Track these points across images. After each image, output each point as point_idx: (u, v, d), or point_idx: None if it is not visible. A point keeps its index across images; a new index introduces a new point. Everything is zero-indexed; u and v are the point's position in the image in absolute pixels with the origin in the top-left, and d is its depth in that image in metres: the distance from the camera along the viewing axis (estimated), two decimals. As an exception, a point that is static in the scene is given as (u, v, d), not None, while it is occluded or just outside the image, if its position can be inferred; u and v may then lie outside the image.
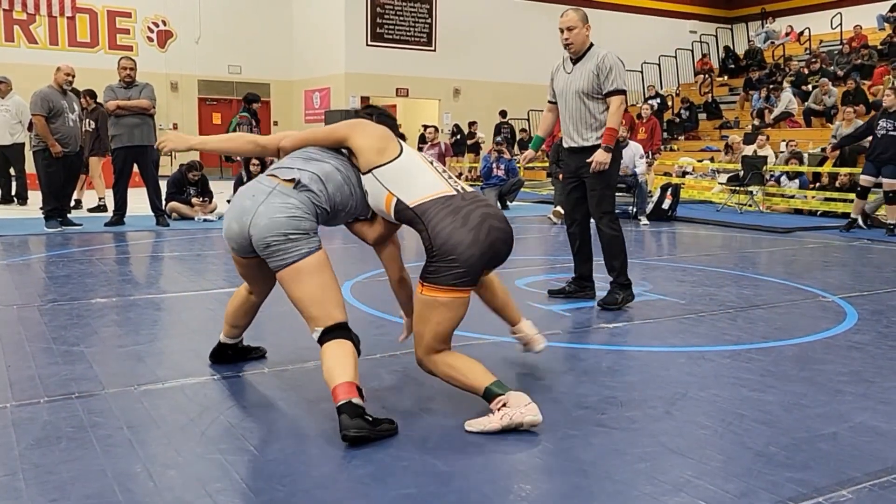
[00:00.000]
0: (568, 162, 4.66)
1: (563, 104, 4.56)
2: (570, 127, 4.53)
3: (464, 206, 2.58)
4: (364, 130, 2.74)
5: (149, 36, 18.57)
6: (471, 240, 2.51)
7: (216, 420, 2.56)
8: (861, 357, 3.52)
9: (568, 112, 4.51)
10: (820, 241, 8.09)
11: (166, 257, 6.55)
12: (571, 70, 4.50)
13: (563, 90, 4.54)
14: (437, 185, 2.65)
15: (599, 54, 4.43)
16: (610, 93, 4.36)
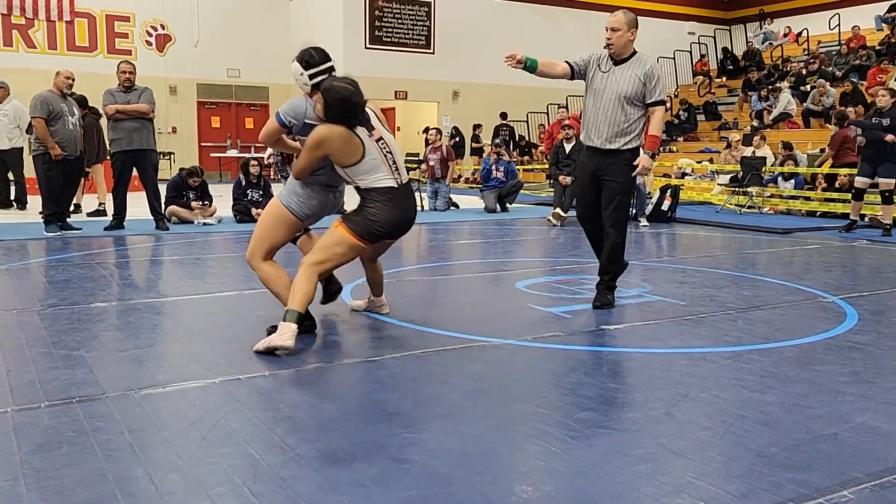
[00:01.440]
0: (586, 162, 4.58)
1: (595, 104, 4.46)
2: (600, 127, 4.43)
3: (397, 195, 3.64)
4: (332, 145, 3.51)
5: (147, 40, 18.59)
6: (391, 219, 3.62)
7: (217, 424, 2.56)
8: (861, 357, 3.52)
9: (602, 113, 4.41)
10: (819, 241, 8.10)
11: (166, 261, 6.55)
12: (609, 70, 4.42)
13: (598, 90, 4.44)
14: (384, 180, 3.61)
15: (647, 63, 4.45)
16: (654, 102, 4.40)
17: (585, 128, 4.55)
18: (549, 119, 18.44)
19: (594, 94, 4.46)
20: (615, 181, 4.44)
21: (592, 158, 4.52)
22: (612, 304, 4.50)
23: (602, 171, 4.46)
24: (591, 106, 4.49)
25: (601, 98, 4.42)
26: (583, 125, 4.60)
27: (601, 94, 4.42)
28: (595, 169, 4.50)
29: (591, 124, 4.49)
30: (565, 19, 20.77)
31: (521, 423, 2.65)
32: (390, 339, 3.73)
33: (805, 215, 10.68)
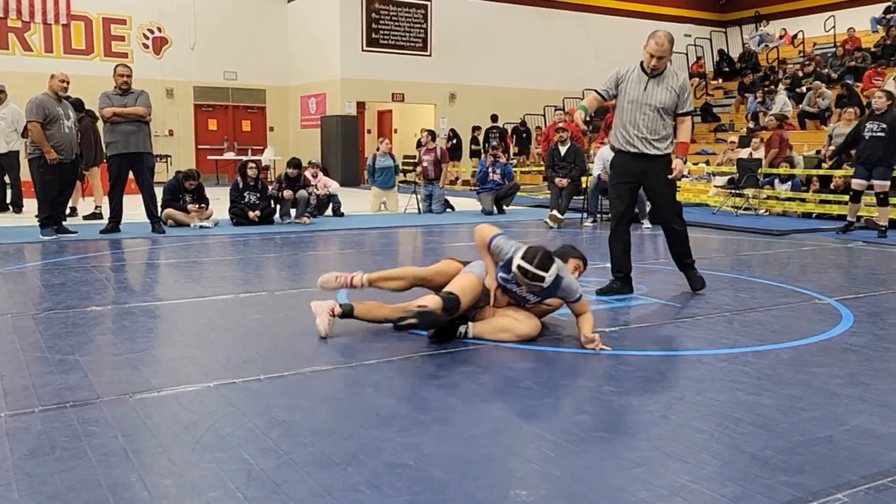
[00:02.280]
0: (629, 166, 4.94)
1: (635, 113, 4.79)
2: (642, 134, 4.80)
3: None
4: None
5: (144, 43, 18.57)
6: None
7: (211, 428, 2.55)
8: (857, 359, 3.52)
9: (643, 121, 4.79)
10: (815, 243, 8.11)
11: (162, 264, 6.54)
12: (647, 84, 4.77)
13: (637, 101, 4.78)
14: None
15: (678, 76, 4.83)
16: (684, 113, 4.89)
17: (623, 135, 4.88)
18: (545, 121, 18.45)
19: (632, 104, 4.80)
20: (661, 180, 4.90)
21: (634, 163, 4.89)
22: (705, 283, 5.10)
23: (647, 173, 4.90)
24: (628, 115, 4.82)
25: (639, 108, 4.77)
26: (617, 132, 4.92)
27: (639, 104, 4.77)
28: (639, 171, 4.92)
29: (631, 132, 4.84)
30: (562, 21, 20.81)
31: (516, 426, 2.64)
32: (386, 342, 3.72)
33: (801, 217, 10.70)
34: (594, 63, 20.47)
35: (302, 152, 18.54)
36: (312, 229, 9.08)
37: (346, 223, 9.86)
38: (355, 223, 9.82)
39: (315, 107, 19.46)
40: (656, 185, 4.98)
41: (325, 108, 18.94)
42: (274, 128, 20.47)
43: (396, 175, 11.94)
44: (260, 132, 20.40)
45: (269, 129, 20.48)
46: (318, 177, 10.98)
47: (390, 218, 10.68)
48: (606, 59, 20.38)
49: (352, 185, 17.31)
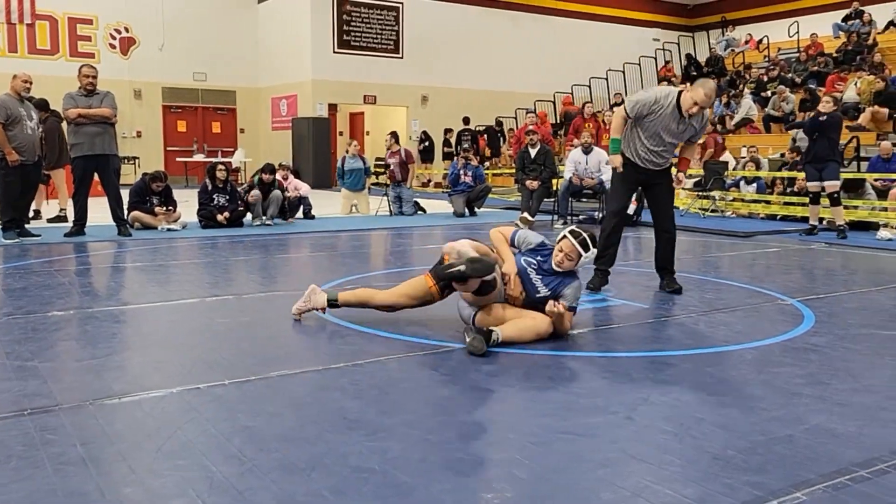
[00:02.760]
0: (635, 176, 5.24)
1: (660, 140, 5.04)
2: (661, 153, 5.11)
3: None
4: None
5: (111, 43, 18.31)
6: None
7: (173, 435, 2.52)
8: (818, 359, 3.58)
9: (664, 149, 5.09)
10: (779, 244, 8.24)
11: (128, 268, 6.45)
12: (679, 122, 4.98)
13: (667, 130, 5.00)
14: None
15: (705, 115, 5.15)
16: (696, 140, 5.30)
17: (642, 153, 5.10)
18: (517, 123, 18.53)
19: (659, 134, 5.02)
20: (664, 187, 5.28)
21: (647, 173, 5.19)
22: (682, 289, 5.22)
23: (653, 179, 5.24)
24: (652, 139, 5.05)
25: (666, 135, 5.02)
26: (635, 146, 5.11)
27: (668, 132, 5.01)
28: (647, 179, 5.25)
29: (647, 152, 5.09)
30: (532, 25, 20.93)
31: (483, 429, 2.65)
32: (355, 345, 3.70)
33: (765, 219, 10.87)
34: (564, 66, 20.65)
35: (273, 154, 18.42)
36: (282, 231, 9.02)
37: (316, 225, 9.80)
38: (326, 225, 9.77)
39: (286, 108, 19.34)
40: (659, 191, 5.27)
41: (297, 110, 18.83)
42: (244, 130, 20.30)
43: (367, 177, 11.90)
44: (230, 134, 20.21)
45: (240, 131, 20.31)
46: (289, 179, 10.91)
47: (361, 220, 10.65)
48: (576, 62, 20.60)
49: (324, 187, 17.22)
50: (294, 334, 4.04)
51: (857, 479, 2.24)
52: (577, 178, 10.00)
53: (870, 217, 9.50)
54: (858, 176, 10.14)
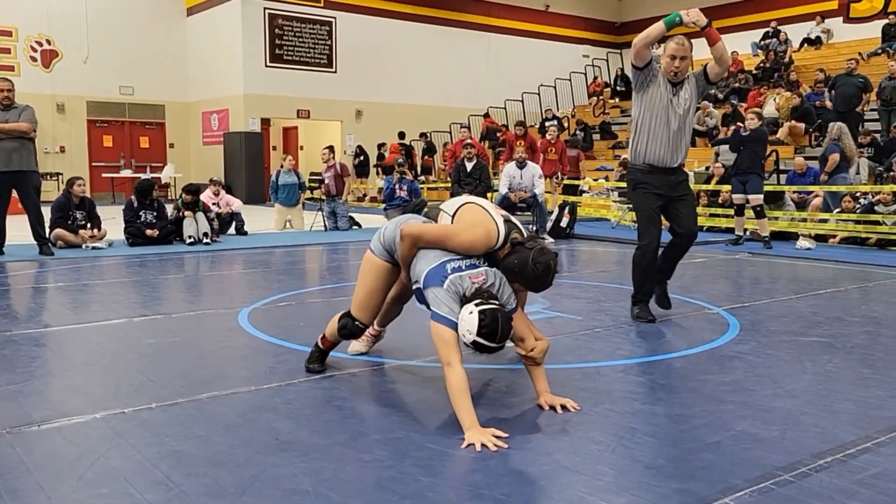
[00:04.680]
0: (657, 185, 4.57)
1: (661, 125, 4.45)
2: (674, 146, 4.48)
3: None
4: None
5: (32, 56, 17.67)
6: None
7: (96, 462, 2.42)
8: (742, 366, 3.70)
9: (671, 132, 4.46)
10: (706, 255, 8.50)
11: (50, 288, 6.20)
12: (673, 92, 4.43)
13: (664, 109, 4.43)
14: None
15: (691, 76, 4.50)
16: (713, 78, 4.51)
17: (652, 150, 4.51)
18: (452, 138, 18.65)
19: (662, 113, 4.45)
20: (688, 194, 4.70)
21: (664, 180, 4.56)
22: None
23: (675, 189, 4.61)
24: (659, 129, 4.47)
25: (665, 119, 4.45)
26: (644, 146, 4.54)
27: (666, 114, 4.44)
28: (669, 190, 4.58)
29: (664, 145, 4.48)
30: (465, 40, 21.15)
31: (418, 447, 2.63)
32: (289, 364, 3.64)
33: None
34: (497, 81, 20.93)
35: (204, 169, 18.06)
36: (214, 248, 8.83)
37: (249, 242, 9.63)
38: (259, 242, 9.61)
39: (217, 123, 18.99)
40: (686, 199, 4.67)
41: (228, 125, 18.52)
42: (174, 144, 19.84)
43: (302, 192, 11.78)
44: (159, 149, 19.72)
45: (169, 146, 19.84)
46: (221, 195, 10.70)
47: (295, 236, 10.51)
48: (508, 77, 20.91)
49: (257, 202, 16.95)
50: (225, 354, 3.94)
51: (781, 483, 2.32)
52: (515, 196, 10.11)
53: (789, 228, 9.90)
54: (778, 189, 10.56)
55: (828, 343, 4.16)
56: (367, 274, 3.34)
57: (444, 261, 2.92)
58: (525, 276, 2.93)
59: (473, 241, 2.96)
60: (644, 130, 4.52)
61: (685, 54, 4.37)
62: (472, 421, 2.67)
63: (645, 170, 4.58)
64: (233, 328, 4.47)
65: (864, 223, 9.37)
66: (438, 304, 2.83)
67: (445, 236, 2.98)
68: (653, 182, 4.57)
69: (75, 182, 8.86)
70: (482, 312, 2.72)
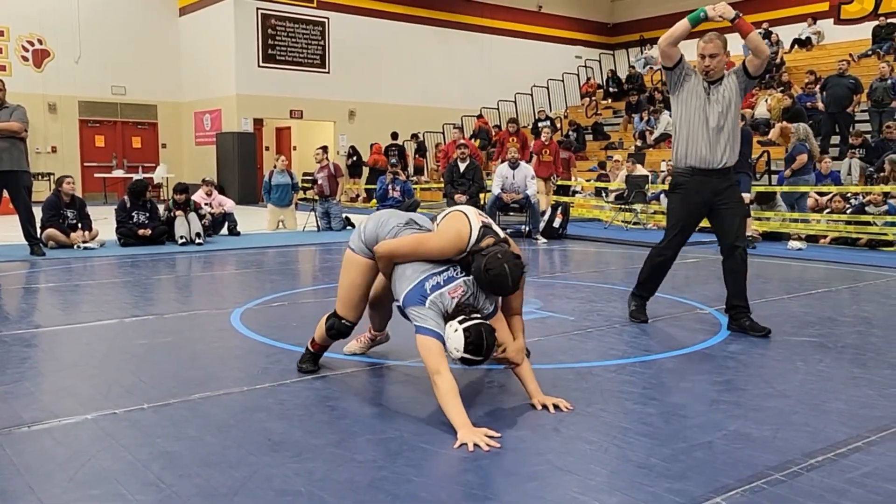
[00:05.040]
0: (699, 189, 4.32)
1: (700, 125, 4.25)
2: (714, 145, 4.25)
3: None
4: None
5: (23, 55, 17.58)
6: None
7: (87, 464, 2.40)
8: (734, 366, 3.71)
9: (710, 131, 4.24)
10: (698, 255, 8.52)
11: (41, 289, 6.17)
12: (710, 89, 4.25)
13: (701, 108, 4.24)
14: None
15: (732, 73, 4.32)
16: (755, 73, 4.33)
17: (693, 150, 4.31)
18: (444, 138, 18.66)
19: (700, 112, 4.26)
20: (735, 202, 4.37)
21: (707, 183, 4.31)
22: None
23: (719, 195, 4.31)
24: (697, 125, 4.27)
25: (710, 116, 4.24)
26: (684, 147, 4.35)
27: (705, 116, 4.25)
28: (711, 195, 4.31)
29: (703, 145, 4.27)
30: (459, 41, 21.16)
31: (411, 447, 2.63)
32: (281, 364, 3.63)
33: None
34: (490, 82, 20.95)
35: (197, 170, 18.01)
36: (207, 249, 8.80)
37: (242, 242, 9.60)
38: (252, 242, 9.58)
39: (210, 123, 18.94)
40: (732, 208, 4.36)
41: (221, 125, 18.47)
42: (166, 144, 19.78)
43: (295, 192, 11.76)
44: (152, 149, 19.65)
45: (162, 146, 19.77)
46: (213, 195, 10.67)
47: (288, 236, 10.49)
48: (501, 78, 20.93)
49: (250, 203, 16.91)
50: (217, 355, 3.93)
51: (773, 483, 2.32)
52: (508, 196, 10.11)
53: (781, 228, 9.94)
54: (770, 189, 10.60)
55: (819, 343, 4.18)
56: (349, 272, 3.35)
57: (422, 279, 2.94)
58: (480, 282, 2.92)
59: (444, 246, 2.99)
60: (683, 131, 4.33)
61: (714, 52, 4.19)
62: (464, 421, 2.68)
63: (686, 172, 4.36)
64: (225, 329, 4.46)
65: (855, 224, 9.42)
66: (423, 319, 2.88)
67: (418, 244, 3.01)
68: (693, 186, 4.34)
69: (65, 180, 8.83)
70: (467, 330, 2.80)
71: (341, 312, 3.36)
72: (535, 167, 11.57)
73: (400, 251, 3.04)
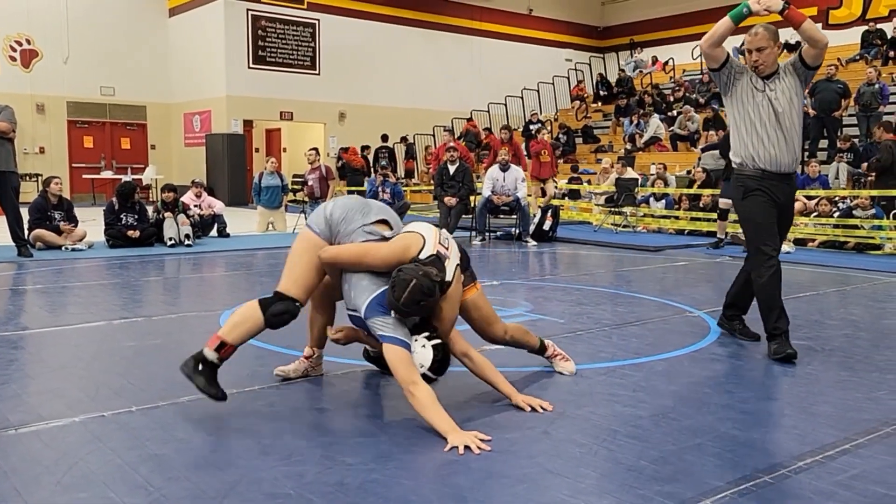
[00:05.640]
0: (775, 192, 3.94)
1: (764, 124, 3.88)
2: (783, 145, 3.89)
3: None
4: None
5: (11, 55, 17.45)
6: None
7: (75, 467, 2.39)
8: (723, 369, 3.73)
9: (776, 130, 3.87)
10: (687, 258, 8.56)
11: (28, 290, 6.12)
12: (765, 87, 3.89)
13: (759, 106, 3.89)
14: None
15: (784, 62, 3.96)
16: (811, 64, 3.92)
17: (763, 151, 3.91)
18: (435, 141, 18.67)
19: (760, 111, 3.90)
20: (792, 214, 4.18)
21: (781, 188, 3.96)
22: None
23: (784, 204, 4.03)
24: (760, 125, 3.91)
25: (772, 114, 3.88)
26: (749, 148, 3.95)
27: (768, 110, 3.88)
28: (786, 200, 4.02)
29: (772, 145, 3.90)
30: (449, 43, 21.17)
31: (401, 449, 2.62)
32: (271, 366, 3.61)
33: (674, 234, 11.28)
34: (479, 85, 20.98)
35: (186, 171, 17.93)
36: (196, 251, 8.76)
37: (231, 244, 9.57)
38: (241, 244, 9.55)
39: (200, 124, 18.87)
40: (790, 213, 4.13)
41: (211, 126, 18.40)
42: (156, 146, 19.68)
43: (285, 194, 11.73)
44: (141, 150, 19.55)
45: (151, 147, 19.68)
46: (203, 196, 10.63)
47: (278, 238, 10.45)
48: (492, 80, 20.96)
49: (239, 204, 16.86)
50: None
51: (762, 485, 2.33)
52: (498, 199, 10.12)
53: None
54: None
55: (807, 346, 4.20)
56: (309, 253, 3.04)
57: (383, 290, 2.88)
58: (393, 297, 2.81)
59: (386, 257, 2.92)
60: (746, 133, 3.96)
61: (760, 45, 3.84)
62: (452, 426, 2.68)
63: (757, 176, 3.95)
64: (214, 331, 4.43)
65: (843, 227, 9.48)
66: (390, 328, 2.84)
67: (363, 254, 2.93)
68: (767, 188, 3.96)
69: (52, 181, 8.78)
70: (435, 348, 2.85)
71: (293, 292, 3.00)
72: (535, 168, 11.61)
73: (341, 259, 2.96)
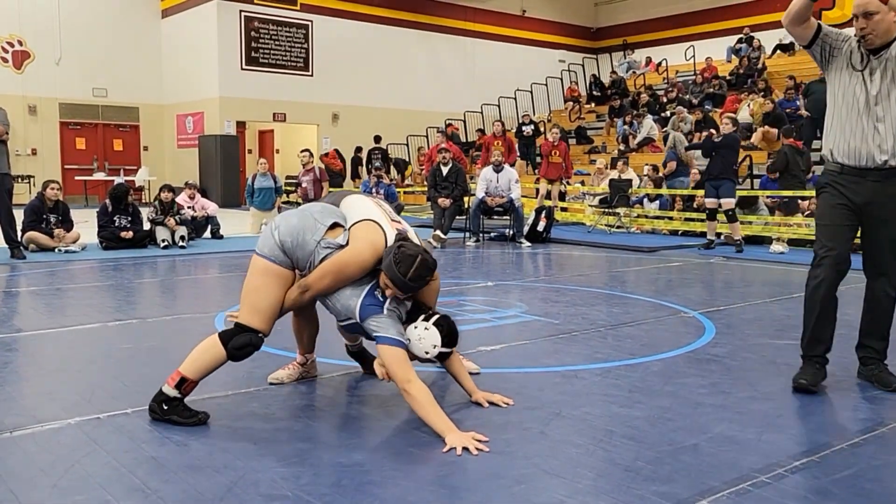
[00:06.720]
0: (852, 189, 3.32)
1: (851, 110, 3.29)
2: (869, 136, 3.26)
3: None
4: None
5: (3, 57, 17.38)
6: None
7: (71, 469, 2.38)
8: (719, 369, 3.74)
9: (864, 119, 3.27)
10: (681, 259, 8.59)
11: (22, 292, 6.10)
12: (869, 65, 3.25)
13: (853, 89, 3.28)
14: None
15: None
16: None
17: (841, 141, 3.34)
18: (428, 142, 18.67)
19: (851, 96, 3.31)
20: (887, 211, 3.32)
21: (862, 185, 3.30)
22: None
23: (878, 204, 3.31)
24: (847, 112, 3.32)
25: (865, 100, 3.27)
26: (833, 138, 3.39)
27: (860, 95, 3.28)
28: (866, 201, 3.31)
29: (853, 136, 3.29)
30: (442, 45, 21.18)
31: (397, 450, 2.62)
32: (267, 368, 3.61)
33: (668, 234, 11.31)
34: (473, 86, 20.99)
35: (179, 173, 17.88)
36: (189, 252, 8.74)
37: (225, 245, 9.55)
38: (235, 245, 9.53)
39: (193, 126, 18.82)
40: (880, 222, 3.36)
41: (204, 128, 18.35)
42: (148, 147, 19.62)
43: (279, 196, 11.71)
44: (133, 152, 19.49)
45: (144, 149, 19.61)
46: (196, 198, 10.61)
47: (272, 240, 10.43)
48: (484, 82, 20.97)
49: (232, 206, 16.82)
50: (202, 359, 3.90)
51: (759, 485, 2.34)
52: (492, 200, 10.13)
53: (763, 232, 10.03)
54: (752, 193, 10.69)
55: (801, 346, 4.21)
56: (267, 284, 2.92)
57: (369, 289, 2.92)
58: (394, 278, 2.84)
59: (363, 262, 2.91)
60: (832, 120, 3.40)
61: (869, 9, 3.16)
62: (450, 426, 2.68)
63: (835, 170, 3.38)
64: (209, 333, 4.41)
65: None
66: (385, 328, 2.86)
67: (339, 273, 2.89)
68: (842, 185, 3.36)
69: (49, 185, 8.74)
70: (437, 324, 2.93)
71: (255, 324, 2.90)
72: (544, 169, 11.63)
73: (324, 289, 2.94)
